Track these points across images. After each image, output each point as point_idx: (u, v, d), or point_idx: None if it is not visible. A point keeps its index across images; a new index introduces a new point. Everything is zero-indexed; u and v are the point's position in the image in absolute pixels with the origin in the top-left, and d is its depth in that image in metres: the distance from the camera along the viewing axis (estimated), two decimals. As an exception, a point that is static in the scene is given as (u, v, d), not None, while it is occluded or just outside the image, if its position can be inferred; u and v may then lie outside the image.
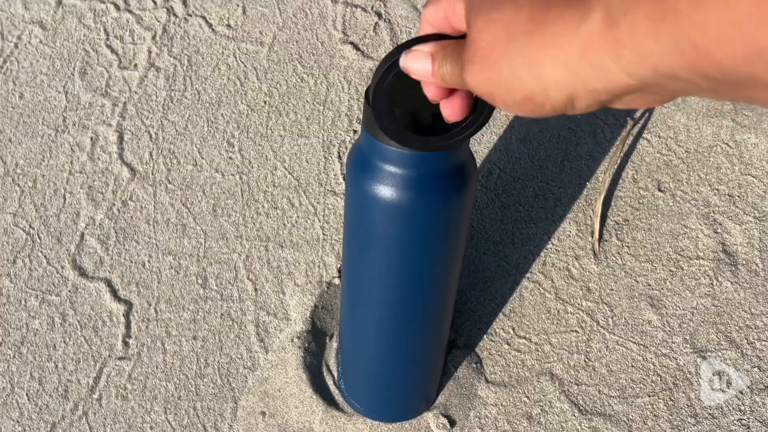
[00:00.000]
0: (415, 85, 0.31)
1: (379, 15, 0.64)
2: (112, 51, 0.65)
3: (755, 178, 0.56)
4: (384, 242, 0.37)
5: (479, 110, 0.32)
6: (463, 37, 0.28)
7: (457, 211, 0.37)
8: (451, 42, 0.29)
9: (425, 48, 0.29)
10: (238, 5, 0.66)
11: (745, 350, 0.51)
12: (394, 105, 0.32)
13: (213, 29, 0.65)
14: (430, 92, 0.31)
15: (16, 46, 0.66)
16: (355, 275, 0.40)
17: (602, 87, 0.22)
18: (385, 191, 0.35)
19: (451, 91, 0.31)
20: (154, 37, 0.65)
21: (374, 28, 0.64)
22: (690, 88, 0.20)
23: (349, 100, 0.61)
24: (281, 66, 0.63)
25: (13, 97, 0.64)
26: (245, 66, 0.63)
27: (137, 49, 0.65)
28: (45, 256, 0.56)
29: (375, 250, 0.38)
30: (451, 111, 0.32)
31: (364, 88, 0.61)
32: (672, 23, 0.18)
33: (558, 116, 0.28)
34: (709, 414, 0.49)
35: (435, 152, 0.34)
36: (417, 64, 0.30)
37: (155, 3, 0.67)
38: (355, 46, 0.63)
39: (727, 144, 0.57)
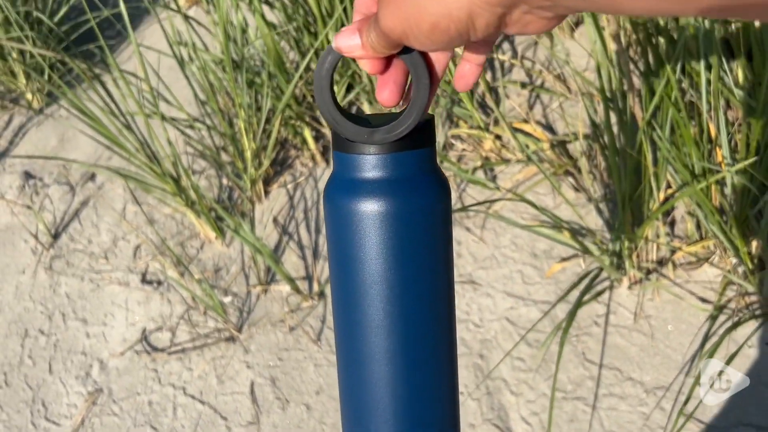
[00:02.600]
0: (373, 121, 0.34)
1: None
2: None
3: None
4: (375, 263, 0.36)
5: (414, 96, 0.34)
6: None
7: (441, 214, 0.37)
8: (374, 14, 0.32)
9: (351, 25, 0.33)
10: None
11: None
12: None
13: None
14: (366, 67, 0.33)
15: None
16: (352, 322, 0.38)
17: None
18: (366, 201, 0.35)
19: (385, 65, 0.34)
20: None
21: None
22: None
23: None
24: None
25: None
26: None
27: None
28: None
29: (368, 278, 0.36)
30: (388, 94, 0.34)
31: None
32: None
33: (463, 42, 0.30)
34: None
35: (404, 152, 0.35)
36: (346, 40, 0.32)
37: None
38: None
39: None
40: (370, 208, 0.35)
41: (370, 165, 0.35)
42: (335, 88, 1.30)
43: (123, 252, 1.48)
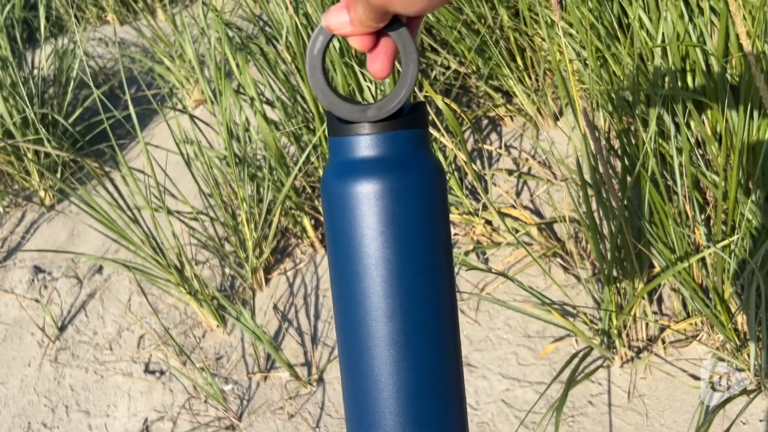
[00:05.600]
0: None
1: None
2: None
3: None
4: (374, 244, 0.35)
5: (404, 70, 0.34)
6: None
7: (437, 192, 0.37)
8: None
9: (339, 3, 0.33)
10: None
11: None
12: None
13: None
14: (356, 44, 0.34)
15: None
16: (352, 308, 0.37)
17: None
18: (361, 180, 0.35)
19: (375, 42, 0.34)
20: None
21: None
22: None
23: None
24: None
25: None
26: None
27: None
28: None
29: (367, 259, 0.36)
30: (380, 65, 0.34)
31: None
32: None
33: (443, 3, 0.32)
34: None
35: (397, 132, 0.35)
36: (335, 18, 0.33)
37: None
38: None
39: None
40: (366, 187, 0.35)
41: (365, 145, 0.36)
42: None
43: (127, 342, 1.50)
